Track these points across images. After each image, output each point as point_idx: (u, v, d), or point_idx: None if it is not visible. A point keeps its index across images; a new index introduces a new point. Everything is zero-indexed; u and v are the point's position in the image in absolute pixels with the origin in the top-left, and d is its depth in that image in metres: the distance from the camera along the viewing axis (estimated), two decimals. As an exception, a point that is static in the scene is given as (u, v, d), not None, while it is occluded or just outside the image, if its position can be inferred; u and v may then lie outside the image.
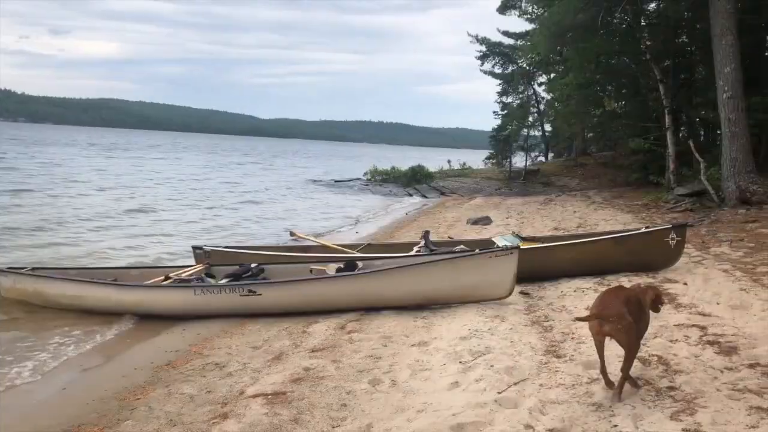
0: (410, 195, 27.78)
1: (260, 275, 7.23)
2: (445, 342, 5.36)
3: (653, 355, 4.70)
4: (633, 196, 19.42)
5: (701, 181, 15.29)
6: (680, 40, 21.20)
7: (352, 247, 8.85)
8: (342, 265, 7.18)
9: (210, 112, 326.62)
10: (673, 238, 7.85)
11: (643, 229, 8.36)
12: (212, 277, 7.44)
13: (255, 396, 4.38)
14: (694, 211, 14.20)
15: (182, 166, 44.43)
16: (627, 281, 7.50)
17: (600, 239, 8.11)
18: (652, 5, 20.80)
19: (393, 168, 33.64)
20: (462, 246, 8.29)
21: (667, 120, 18.41)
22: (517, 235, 8.92)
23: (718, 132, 16.45)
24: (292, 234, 9.57)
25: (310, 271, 7.15)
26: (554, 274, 7.83)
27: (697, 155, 16.10)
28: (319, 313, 6.50)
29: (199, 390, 4.60)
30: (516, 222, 14.92)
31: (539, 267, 7.72)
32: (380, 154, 70.85)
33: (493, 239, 8.68)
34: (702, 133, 22.69)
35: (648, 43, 18.91)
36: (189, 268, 7.65)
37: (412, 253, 8.00)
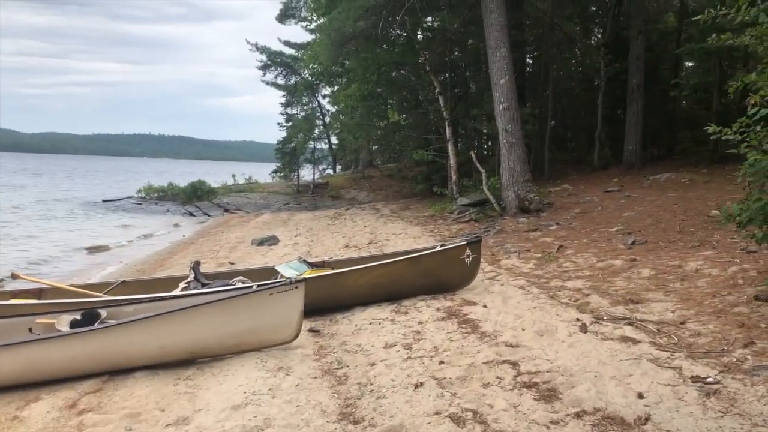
0: (190, 214, 25.54)
1: (-41, 338, 5.30)
2: (211, 417, 4.07)
3: (467, 410, 3.87)
4: (419, 208, 19.52)
5: (483, 191, 15.57)
6: (455, 55, 21.90)
7: (101, 287, 7.06)
8: (79, 317, 5.50)
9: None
10: (468, 255, 7.33)
11: (438, 247, 7.74)
12: None
13: None
14: (478, 221, 14.32)
15: None
16: (425, 305, 6.82)
17: (394, 261, 7.31)
18: (429, 18, 21.20)
19: (170, 184, 30.92)
20: (241, 277, 7.01)
21: (447, 131, 18.72)
22: (303, 260, 7.82)
23: (494, 143, 16.99)
24: (14, 276, 7.37)
25: (30, 329, 5.36)
26: (347, 302, 6.94)
27: (478, 165, 16.42)
28: (45, 385, 4.83)
29: None
30: (305, 240, 13.92)
31: (330, 296, 6.77)
32: (161, 169, 66.02)
33: (276, 268, 7.48)
34: (479, 144, 23.68)
35: (426, 55, 19.12)
36: None
37: (178, 290, 6.55)
